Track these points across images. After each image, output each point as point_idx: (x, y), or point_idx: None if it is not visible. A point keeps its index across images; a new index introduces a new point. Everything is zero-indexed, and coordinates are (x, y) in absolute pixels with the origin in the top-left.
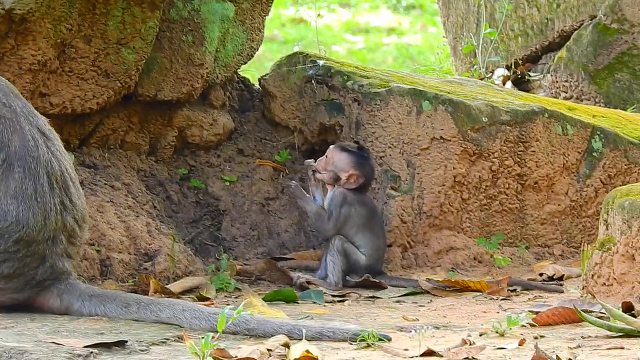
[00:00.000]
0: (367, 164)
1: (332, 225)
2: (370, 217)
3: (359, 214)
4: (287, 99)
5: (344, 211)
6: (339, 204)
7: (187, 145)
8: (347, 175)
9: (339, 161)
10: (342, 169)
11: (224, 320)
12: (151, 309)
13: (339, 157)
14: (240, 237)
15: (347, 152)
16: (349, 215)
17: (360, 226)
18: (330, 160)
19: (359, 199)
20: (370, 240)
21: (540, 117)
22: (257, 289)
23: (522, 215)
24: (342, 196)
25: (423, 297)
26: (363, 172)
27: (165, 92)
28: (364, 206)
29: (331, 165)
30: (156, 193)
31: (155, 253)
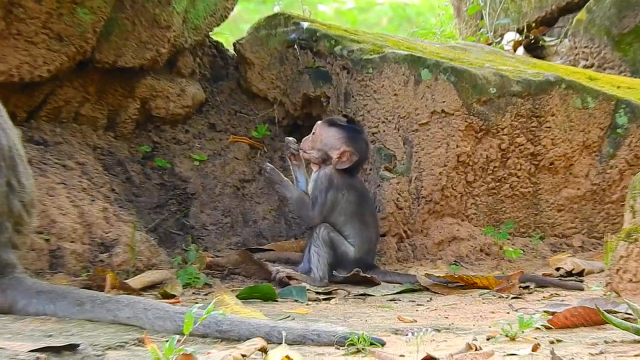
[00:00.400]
0: (360, 139)
1: (317, 212)
2: (361, 203)
3: (347, 199)
4: (266, 67)
5: (330, 196)
6: (325, 188)
7: (150, 119)
8: (339, 153)
9: (328, 137)
10: (332, 146)
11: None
12: (108, 307)
13: (328, 132)
14: (211, 225)
15: (337, 126)
16: (336, 200)
17: (349, 214)
18: (318, 137)
19: (348, 182)
20: (361, 229)
21: (557, 88)
22: (230, 285)
23: (536, 201)
24: (328, 179)
25: (422, 295)
26: (357, 148)
27: (126, 59)
28: (353, 191)
29: (319, 143)
30: (115, 174)
31: (113, 243)
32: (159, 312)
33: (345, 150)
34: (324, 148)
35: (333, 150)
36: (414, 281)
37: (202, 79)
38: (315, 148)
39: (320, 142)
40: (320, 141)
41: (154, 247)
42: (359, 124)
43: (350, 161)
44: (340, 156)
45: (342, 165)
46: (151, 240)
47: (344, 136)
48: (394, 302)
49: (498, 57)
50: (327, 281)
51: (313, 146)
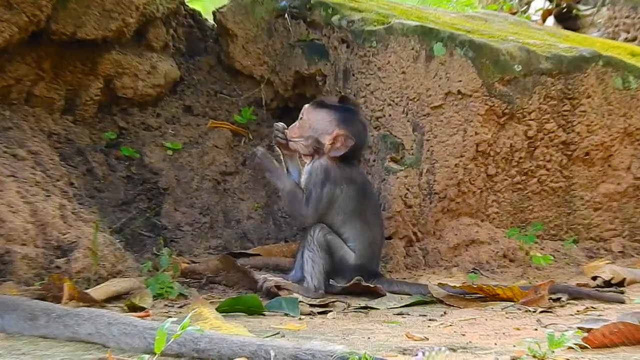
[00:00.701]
0: (356, 120)
1: (312, 209)
2: (362, 199)
3: (347, 195)
4: (252, 39)
5: (327, 191)
6: (321, 181)
7: (116, 100)
8: (332, 138)
9: (317, 121)
10: (323, 131)
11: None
12: (65, 322)
13: (317, 115)
14: (187, 225)
15: (327, 108)
16: (334, 196)
17: (349, 212)
18: (307, 122)
19: (348, 175)
20: (362, 230)
21: (593, 66)
22: (210, 296)
23: (569, 198)
24: (324, 171)
25: (434, 308)
26: (352, 131)
27: (87, 29)
28: (353, 185)
29: (308, 129)
30: (74, 165)
31: (71, 246)
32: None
33: (339, 134)
34: (313, 134)
35: (324, 135)
36: (425, 292)
37: (176, 53)
38: (303, 135)
39: (309, 128)
40: (308, 126)
41: (120, 251)
42: (354, 102)
43: (345, 146)
44: (334, 141)
45: (336, 152)
46: (116, 243)
47: (335, 118)
48: (401, 316)
49: (524, 28)
50: (323, 292)
51: (301, 133)
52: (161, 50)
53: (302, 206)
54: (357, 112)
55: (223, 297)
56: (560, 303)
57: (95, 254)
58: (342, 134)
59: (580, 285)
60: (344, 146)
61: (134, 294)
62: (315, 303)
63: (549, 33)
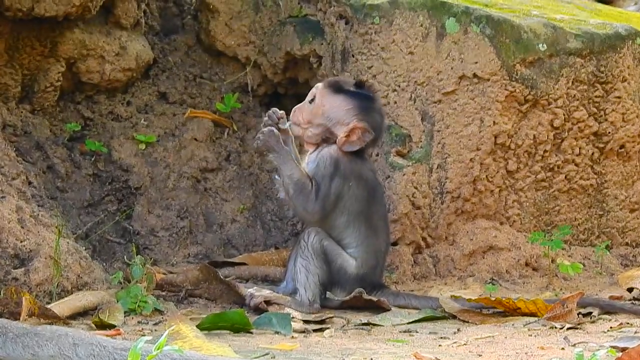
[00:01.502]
0: (375, 110)
1: (320, 205)
2: (371, 200)
3: (354, 193)
4: (236, 15)
5: (335, 186)
6: (330, 174)
7: (80, 86)
8: (348, 130)
9: (333, 109)
10: (339, 121)
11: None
12: (24, 342)
13: (334, 101)
14: (163, 230)
15: (346, 93)
16: (341, 193)
17: (355, 213)
18: (320, 108)
19: (358, 170)
20: (367, 236)
21: (630, 45)
22: (189, 311)
23: (601, 197)
24: (333, 163)
25: (446, 325)
26: (371, 123)
27: (46, 4)
28: (363, 182)
29: (321, 117)
30: (32, 161)
31: (30, 255)
32: (93, 349)
33: (356, 127)
34: (326, 123)
35: (339, 126)
36: (435, 306)
37: (149, 32)
38: (314, 122)
39: (322, 115)
40: (322, 113)
41: (86, 260)
42: (373, 89)
43: (362, 141)
44: (349, 134)
45: (351, 147)
46: (82, 250)
47: (355, 106)
48: (408, 334)
49: (550, 1)
50: (319, 306)
51: (311, 119)
52: (131, 29)
53: (310, 200)
54: (375, 100)
55: (204, 312)
56: (590, 318)
57: (58, 263)
58: (361, 127)
59: (613, 297)
60: (360, 140)
61: (103, 309)
62: (310, 319)
63: (579, 7)
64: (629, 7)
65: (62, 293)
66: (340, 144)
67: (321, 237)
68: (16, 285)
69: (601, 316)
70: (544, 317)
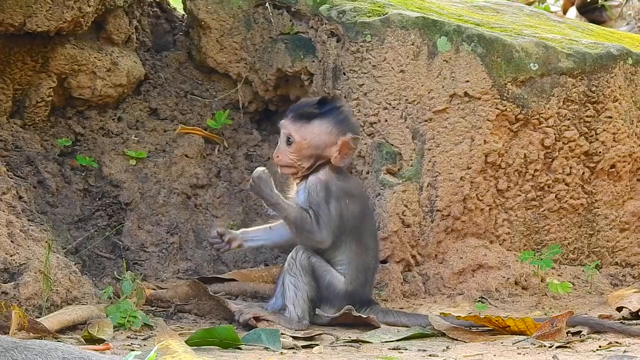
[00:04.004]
0: (348, 114)
1: (326, 231)
2: (363, 217)
3: (348, 211)
4: (227, 32)
5: (334, 208)
6: (323, 199)
7: (71, 102)
8: (339, 147)
9: (315, 137)
10: (327, 144)
11: None
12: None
13: (312, 130)
14: (152, 246)
15: (317, 117)
16: (342, 214)
17: (347, 232)
18: (302, 143)
19: (347, 188)
20: (357, 253)
21: (621, 65)
22: (178, 327)
23: (592, 217)
24: (323, 187)
25: (435, 342)
26: (352, 129)
27: (38, 20)
28: (355, 199)
29: (308, 149)
30: (22, 176)
31: (19, 269)
32: None
33: (345, 141)
34: (315, 152)
35: (329, 148)
36: (425, 323)
37: (140, 48)
38: (304, 157)
39: (308, 148)
40: (307, 146)
41: (76, 274)
42: (336, 97)
43: (354, 149)
44: (341, 149)
45: (345, 161)
46: (72, 265)
47: (333, 124)
48: (397, 351)
49: (542, 21)
50: (308, 322)
51: (300, 156)
52: (123, 44)
53: (315, 230)
54: (339, 105)
55: (194, 328)
56: (580, 337)
57: (48, 278)
58: (348, 139)
59: (603, 317)
60: (352, 149)
61: (92, 323)
62: (299, 335)
63: (571, 27)
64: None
65: (51, 307)
66: (336, 162)
67: (309, 254)
68: (6, 299)
69: (590, 335)
70: (533, 336)
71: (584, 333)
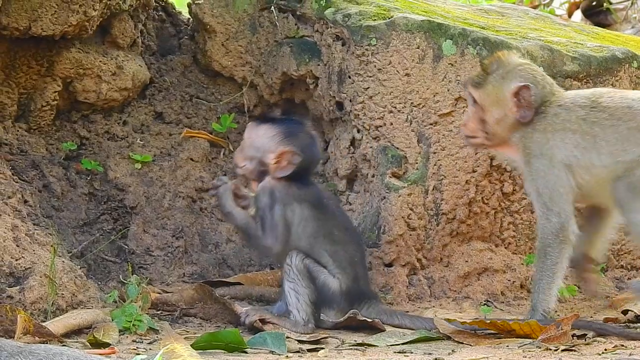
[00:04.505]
0: (302, 132)
1: (272, 236)
2: (322, 218)
3: (301, 216)
4: (232, 36)
5: (278, 214)
6: (267, 205)
7: (76, 105)
8: (276, 156)
9: (259, 139)
10: (267, 149)
11: None
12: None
13: (258, 132)
14: (158, 250)
15: (269, 122)
16: (288, 220)
17: (312, 235)
18: (247, 141)
19: (295, 193)
20: (335, 252)
21: (627, 67)
22: (184, 330)
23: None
24: (268, 193)
25: (441, 346)
26: (299, 145)
27: (43, 23)
28: (306, 203)
29: (251, 149)
30: (28, 180)
31: (25, 273)
32: None
33: (284, 151)
34: (256, 154)
35: (268, 154)
36: (430, 327)
37: (145, 51)
38: (247, 157)
39: (250, 148)
40: (250, 146)
41: (81, 278)
42: (299, 116)
43: (292, 164)
44: (279, 159)
45: (283, 172)
46: (77, 269)
47: (279, 132)
48: (403, 354)
49: (546, 24)
50: (314, 326)
51: (244, 156)
52: (128, 48)
53: (260, 236)
54: (302, 124)
55: (199, 332)
56: (585, 340)
57: (53, 282)
58: (287, 150)
59: (608, 320)
60: (290, 164)
61: (98, 327)
62: (304, 339)
63: (576, 30)
64: (626, 31)
65: (57, 311)
66: (272, 171)
67: (302, 256)
68: (11, 304)
69: (595, 338)
70: (538, 339)
71: (589, 336)
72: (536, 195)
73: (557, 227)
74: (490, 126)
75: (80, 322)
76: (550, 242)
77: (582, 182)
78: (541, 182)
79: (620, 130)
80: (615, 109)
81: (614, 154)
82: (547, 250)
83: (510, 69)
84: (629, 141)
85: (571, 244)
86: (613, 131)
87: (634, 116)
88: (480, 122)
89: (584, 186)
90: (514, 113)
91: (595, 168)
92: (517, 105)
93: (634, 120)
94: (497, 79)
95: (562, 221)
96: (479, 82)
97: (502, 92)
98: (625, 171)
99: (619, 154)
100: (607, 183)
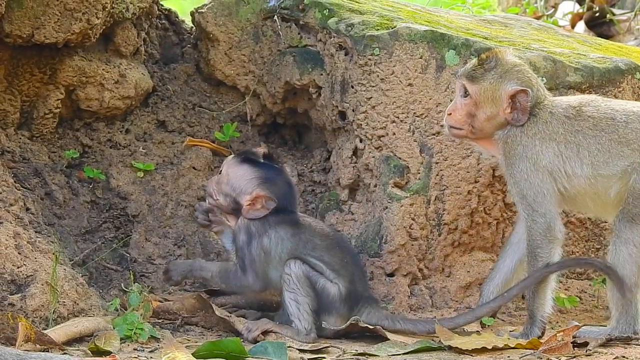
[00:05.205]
0: (280, 179)
1: (252, 274)
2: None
3: (278, 236)
4: (235, 45)
5: (255, 249)
6: (246, 242)
7: (79, 113)
8: (251, 199)
9: (236, 179)
10: (242, 190)
11: None
12: None
13: (237, 172)
14: (160, 258)
15: (250, 163)
16: (264, 246)
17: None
18: (225, 177)
19: (273, 220)
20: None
21: (629, 79)
22: (185, 339)
23: (598, 231)
24: (244, 230)
25: (442, 355)
26: (274, 191)
27: (46, 31)
28: (280, 226)
29: (226, 186)
30: (30, 187)
31: (27, 280)
32: None
33: (259, 196)
34: (231, 192)
35: (243, 195)
36: (432, 329)
37: (148, 60)
38: (222, 192)
39: (227, 185)
40: (227, 183)
41: (83, 286)
42: (279, 161)
43: (265, 209)
44: (252, 203)
45: (254, 215)
46: (79, 277)
47: (257, 176)
48: None
49: (550, 35)
50: (316, 335)
51: (219, 189)
52: (131, 56)
53: (240, 277)
54: (281, 171)
55: (200, 340)
56: (586, 351)
57: (55, 289)
58: (262, 195)
59: None
60: (263, 208)
61: (99, 335)
62: (306, 348)
63: (579, 41)
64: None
65: (58, 319)
66: (244, 212)
67: (300, 264)
68: (12, 311)
69: (597, 349)
70: (539, 350)
71: (590, 347)
72: (520, 198)
73: (543, 227)
74: (479, 122)
75: (82, 330)
76: (539, 243)
77: (563, 191)
78: (525, 184)
79: (602, 142)
80: (600, 119)
81: (595, 166)
82: (536, 252)
83: (508, 69)
84: (610, 153)
85: (559, 243)
86: (595, 142)
87: (616, 128)
88: (469, 115)
89: (565, 194)
90: (507, 114)
91: (576, 177)
92: (512, 107)
93: (615, 133)
94: (495, 77)
95: (548, 221)
96: (475, 76)
97: (498, 91)
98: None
99: (600, 165)
100: (587, 194)
